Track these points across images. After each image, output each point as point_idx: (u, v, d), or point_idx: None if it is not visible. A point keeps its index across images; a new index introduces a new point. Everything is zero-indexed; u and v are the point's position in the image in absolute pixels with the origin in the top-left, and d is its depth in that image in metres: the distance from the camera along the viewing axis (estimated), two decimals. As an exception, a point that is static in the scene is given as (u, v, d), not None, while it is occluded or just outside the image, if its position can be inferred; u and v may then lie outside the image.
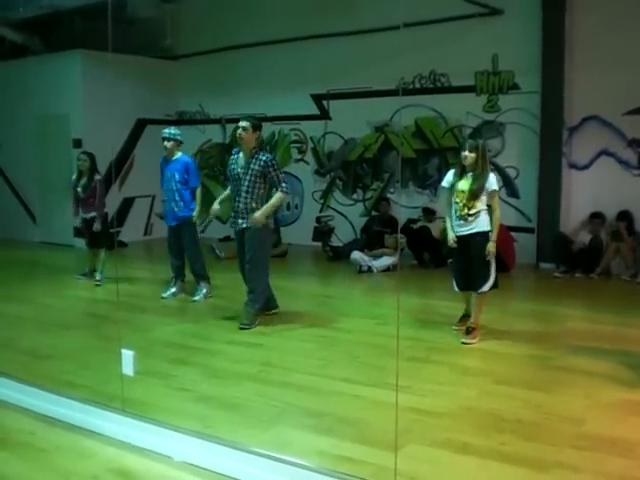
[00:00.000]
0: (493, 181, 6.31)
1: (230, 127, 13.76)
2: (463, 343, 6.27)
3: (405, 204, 11.66)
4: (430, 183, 11.43)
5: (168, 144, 8.02)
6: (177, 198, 8.02)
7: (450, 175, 6.53)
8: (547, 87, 10.14)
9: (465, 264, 6.45)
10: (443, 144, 11.37)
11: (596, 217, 9.73)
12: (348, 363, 5.75)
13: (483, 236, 6.29)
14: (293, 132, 13.01)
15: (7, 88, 13.52)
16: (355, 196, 12.35)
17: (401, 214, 11.41)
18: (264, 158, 6.79)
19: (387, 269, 9.99)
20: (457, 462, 3.91)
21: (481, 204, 6.29)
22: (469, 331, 6.37)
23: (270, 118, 13.09)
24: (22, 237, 13.38)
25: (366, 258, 10.20)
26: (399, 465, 3.55)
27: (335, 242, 12.05)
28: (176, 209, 8.03)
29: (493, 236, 6.28)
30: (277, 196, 6.84)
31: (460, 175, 6.41)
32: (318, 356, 5.99)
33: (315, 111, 12.64)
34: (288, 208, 13.17)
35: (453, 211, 6.43)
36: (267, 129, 13.22)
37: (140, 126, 13.63)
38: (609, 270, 9.55)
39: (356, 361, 5.80)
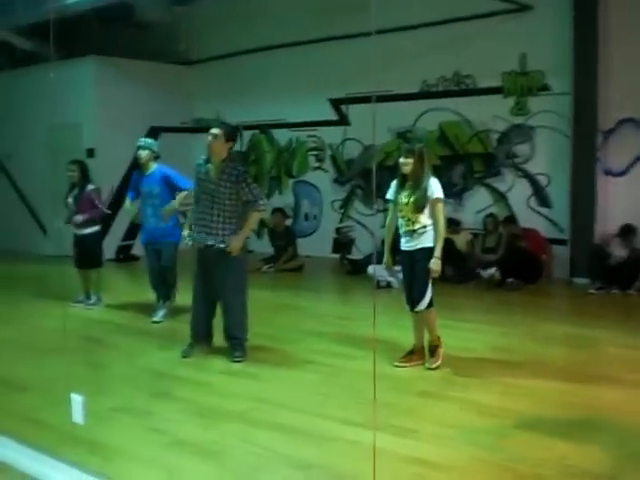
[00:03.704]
0: (435, 188, 5.67)
1: (247, 134, 13.24)
2: (429, 369, 5.73)
3: (428, 214, 10.98)
4: (455, 192, 10.73)
5: (143, 153, 7.42)
6: (158, 214, 7.38)
7: (393, 185, 5.92)
8: (579, 88, 9.39)
9: (410, 282, 5.88)
10: (469, 150, 10.69)
11: (634, 228, 8.96)
12: (350, 399, 5.06)
13: (425, 252, 5.71)
14: (311, 139, 12.40)
15: (18, 97, 13.12)
16: (376, 206, 11.68)
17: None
18: (235, 172, 6.02)
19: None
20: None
21: (426, 218, 5.70)
22: (433, 351, 5.83)
23: (287, 124, 12.56)
24: (32, 250, 12.93)
25: (384, 273, 9.50)
26: None
27: (356, 254, 11.40)
28: (155, 226, 7.41)
29: (437, 251, 5.66)
30: (254, 215, 6.15)
31: (402, 185, 5.81)
32: (318, 390, 5.34)
33: (334, 116, 12.02)
34: (306, 219, 12.58)
35: (399, 226, 5.86)
36: (284, 136, 12.76)
37: (153, 134, 13.07)
38: (649, 286, 8.77)
39: (360, 397, 5.04)
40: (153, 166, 7.50)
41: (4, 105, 13.65)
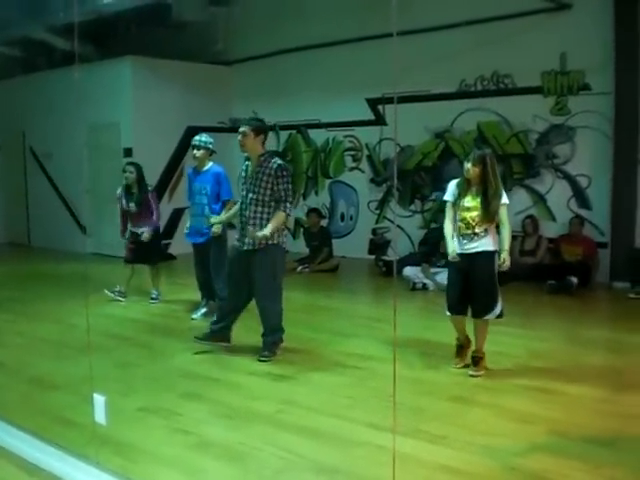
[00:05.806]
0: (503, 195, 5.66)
1: (284, 134, 13.20)
2: (471, 376, 5.59)
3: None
4: (493, 193, 10.56)
5: (198, 153, 7.38)
6: (207, 213, 7.32)
7: (453, 187, 5.80)
8: (621, 87, 9.15)
9: (462, 285, 5.71)
10: (507, 150, 10.49)
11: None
12: (379, 403, 4.94)
13: (488, 257, 5.61)
14: (347, 139, 12.31)
15: (57, 96, 13.21)
16: (413, 207, 11.56)
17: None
18: (275, 165, 6.00)
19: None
20: None
21: (491, 223, 5.64)
22: (476, 362, 5.68)
23: (324, 124, 12.50)
24: (71, 248, 13.00)
25: (420, 275, 9.40)
26: None
27: (392, 256, 11.29)
28: (205, 225, 7.32)
29: (506, 244, 5.62)
30: (279, 215, 5.98)
31: (466, 190, 5.69)
32: (346, 393, 5.26)
33: (370, 116, 11.91)
34: (342, 219, 12.50)
35: (457, 228, 5.73)
36: (321, 136, 12.68)
37: (190, 134, 12.92)
38: (693, 291, 8.53)
39: (389, 401, 4.90)
40: (208, 164, 7.45)
41: (43, 105, 13.80)
